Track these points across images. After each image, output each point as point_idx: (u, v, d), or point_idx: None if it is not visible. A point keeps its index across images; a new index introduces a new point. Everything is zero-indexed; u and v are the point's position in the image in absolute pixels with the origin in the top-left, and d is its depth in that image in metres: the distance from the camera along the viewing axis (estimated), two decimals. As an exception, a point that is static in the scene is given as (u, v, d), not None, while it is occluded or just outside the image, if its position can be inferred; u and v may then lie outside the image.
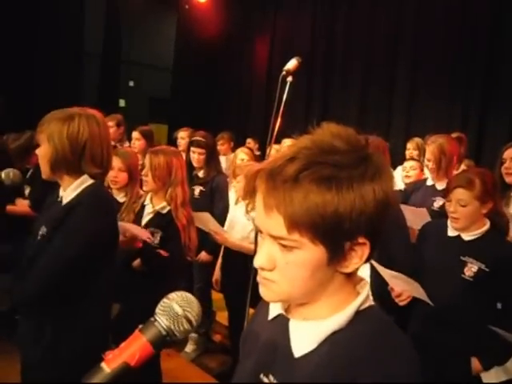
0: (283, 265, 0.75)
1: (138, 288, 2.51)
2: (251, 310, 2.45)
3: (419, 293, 2.07)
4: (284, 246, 0.74)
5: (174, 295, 0.78)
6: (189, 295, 0.79)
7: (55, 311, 1.62)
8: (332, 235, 0.72)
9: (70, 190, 1.67)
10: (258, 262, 0.77)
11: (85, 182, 1.67)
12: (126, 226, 2.37)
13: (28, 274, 1.58)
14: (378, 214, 0.73)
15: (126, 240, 2.31)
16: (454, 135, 3.93)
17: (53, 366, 1.63)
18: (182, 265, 2.71)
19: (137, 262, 2.49)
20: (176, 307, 0.76)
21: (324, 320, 0.77)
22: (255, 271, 0.78)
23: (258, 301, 0.90)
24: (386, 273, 2.07)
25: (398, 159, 4.37)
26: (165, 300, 0.78)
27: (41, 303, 1.63)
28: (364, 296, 0.79)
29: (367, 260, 0.77)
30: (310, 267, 0.74)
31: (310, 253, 0.73)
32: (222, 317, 3.94)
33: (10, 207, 3.01)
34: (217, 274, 3.46)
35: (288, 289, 0.76)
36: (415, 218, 2.68)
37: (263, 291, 0.79)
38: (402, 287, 2.12)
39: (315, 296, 0.78)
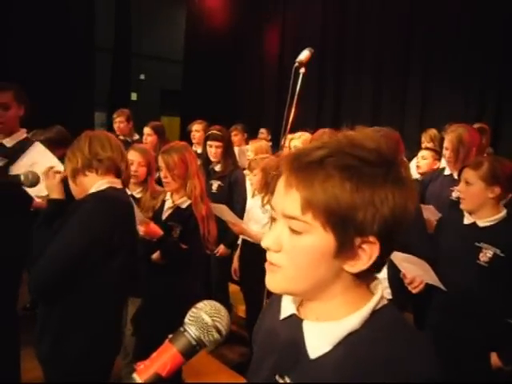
0: (290, 248, 0.75)
1: (158, 281, 2.55)
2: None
3: (432, 278, 2.07)
4: (293, 231, 0.75)
5: (202, 304, 0.77)
6: (217, 304, 0.78)
7: (61, 306, 1.66)
8: (343, 224, 0.72)
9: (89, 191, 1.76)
10: (265, 241, 0.78)
11: (103, 184, 1.76)
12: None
13: (35, 269, 1.65)
14: (395, 219, 0.73)
15: (145, 230, 2.39)
16: (476, 126, 3.85)
17: (60, 359, 1.67)
18: (201, 258, 2.74)
19: (156, 255, 2.53)
20: (205, 317, 0.76)
21: (339, 321, 0.77)
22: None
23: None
24: (396, 256, 2.06)
25: (414, 150, 4.32)
26: (193, 310, 0.77)
27: (47, 297, 1.68)
28: (379, 296, 0.79)
29: (379, 266, 0.76)
30: (316, 254, 0.74)
31: (319, 239, 0.73)
32: (239, 309, 3.97)
33: (35, 203, 3.05)
34: (235, 263, 3.49)
35: (293, 275, 0.76)
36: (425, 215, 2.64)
37: (268, 279, 0.79)
38: (414, 272, 2.12)
39: (324, 293, 0.78)
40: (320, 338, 0.78)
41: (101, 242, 1.65)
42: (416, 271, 2.11)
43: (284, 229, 0.76)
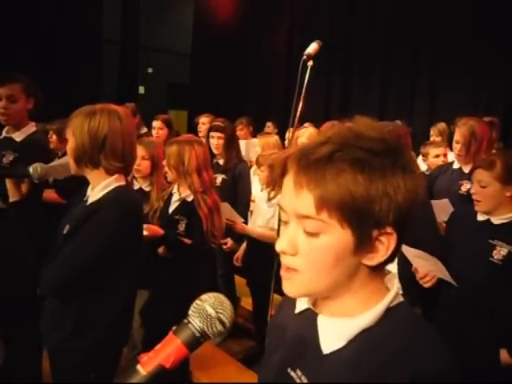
0: (307, 251, 0.74)
1: (164, 275, 2.56)
2: (275, 296, 2.47)
3: (443, 273, 2.05)
4: (309, 233, 0.73)
5: (206, 296, 0.77)
6: (221, 296, 0.78)
7: (77, 301, 1.67)
8: (361, 218, 0.71)
9: (96, 191, 1.70)
10: (279, 245, 0.76)
11: (111, 184, 1.70)
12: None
13: (50, 269, 1.66)
14: (407, 205, 0.73)
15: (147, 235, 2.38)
16: (486, 119, 3.81)
17: (73, 352, 1.68)
18: (206, 251, 2.73)
19: (162, 249, 2.55)
20: (209, 309, 0.75)
21: (354, 317, 0.76)
22: (279, 257, 0.77)
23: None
24: (409, 252, 2.04)
25: (422, 144, 4.28)
26: (197, 301, 0.77)
27: (62, 296, 1.69)
28: (394, 292, 0.78)
29: (393, 256, 0.76)
30: (335, 254, 0.72)
31: (337, 237, 0.72)
32: (246, 302, 3.97)
33: (45, 194, 3.07)
34: (240, 252, 3.49)
35: (311, 278, 0.75)
36: (438, 211, 2.63)
37: (286, 286, 0.77)
38: (427, 268, 2.10)
39: (341, 290, 0.77)
40: (334, 333, 0.77)
41: (117, 248, 1.66)
42: (428, 267, 2.09)
43: (298, 230, 0.74)
